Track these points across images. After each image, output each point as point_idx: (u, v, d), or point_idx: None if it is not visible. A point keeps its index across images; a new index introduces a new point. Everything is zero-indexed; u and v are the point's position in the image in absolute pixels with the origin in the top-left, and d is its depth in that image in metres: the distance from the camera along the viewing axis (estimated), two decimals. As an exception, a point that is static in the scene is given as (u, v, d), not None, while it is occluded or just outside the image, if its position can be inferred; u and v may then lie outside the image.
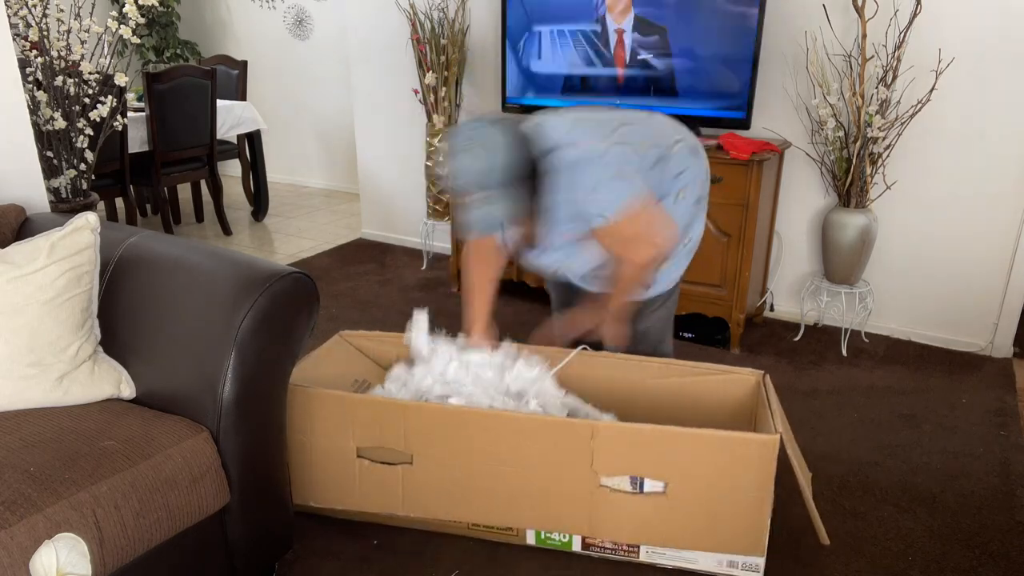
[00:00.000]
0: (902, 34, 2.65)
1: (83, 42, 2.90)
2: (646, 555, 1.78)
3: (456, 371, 1.96)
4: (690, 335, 3.03)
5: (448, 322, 3.20)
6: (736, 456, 1.63)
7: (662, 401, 2.01)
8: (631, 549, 1.78)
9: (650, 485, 1.68)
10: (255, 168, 4.69)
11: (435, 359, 1.99)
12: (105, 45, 3.02)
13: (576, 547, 1.82)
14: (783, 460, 1.64)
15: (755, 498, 1.64)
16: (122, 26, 2.92)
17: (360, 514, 1.91)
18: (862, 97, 2.68)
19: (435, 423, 1.76)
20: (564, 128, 1.76)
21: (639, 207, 1.73)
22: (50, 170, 2.85)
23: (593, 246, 1.83)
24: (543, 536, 1.83)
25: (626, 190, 1.71)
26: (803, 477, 1.70)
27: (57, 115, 2.81)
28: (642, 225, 1.76)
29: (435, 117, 3.59)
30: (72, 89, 2.86)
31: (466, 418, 1.76)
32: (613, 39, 3.04)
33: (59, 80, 2.81)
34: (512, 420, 1.74)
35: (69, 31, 2.87)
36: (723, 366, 2.00)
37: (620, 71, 3.07)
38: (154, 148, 3.92)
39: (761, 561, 1.70)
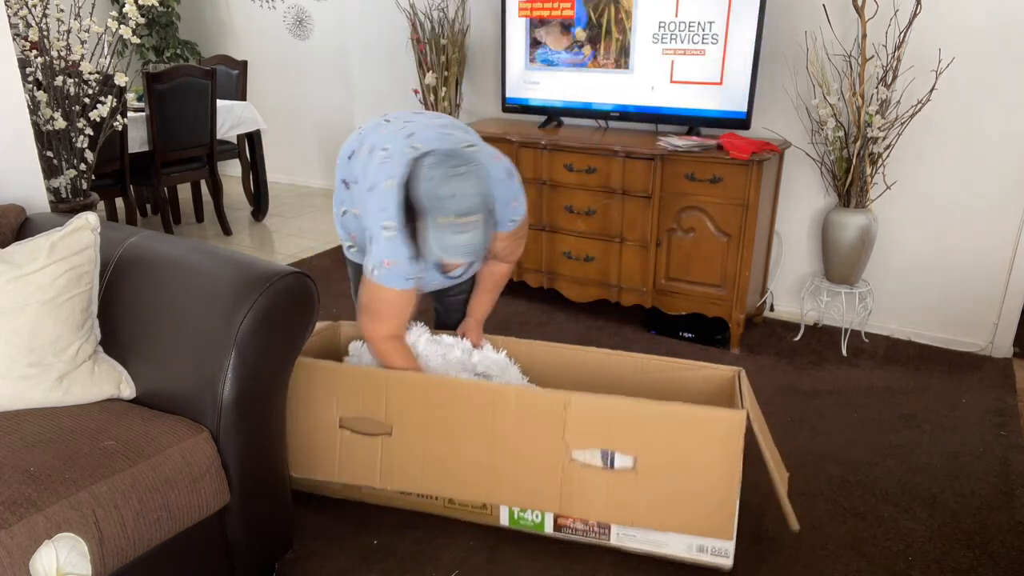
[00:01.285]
0: (902, 34, 2.65)
1: (83, 42, 2.90)
2: (616, 538, 1.79)
3: (426, 345, 2.03)
4: (690, 335, 3.03)
5: (448, 322, 3.19)
6: (703, 431, 1.66)
7: (643, 395, 2.03)
8: (602, 531, 1.80)
9: (620, 461, 1.71)
10: (255, 168, 4.69)
11: (408, 334, 2.06)
12: (105, 45, 3.02)
13: (548, 528, 1.84)
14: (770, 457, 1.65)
15: (723, 476, 1.66)
16: (122, 26, 2.92)
17: (344, 488, 1.93)
18: (862, 97, 2.68)
19: (415, 393, 1.80)
20: (457, 147, 1.82)
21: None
22: (50, 170, 2.85)
23: None
24: (516, 516, 1.85)
25: (524, 196, 1.97)
26: (772, 462, 1.72)
27: (57, 115, 2.81)
28: (526, 227, 2.05)
29: (435, 117, 3.59)
30: (72, 89, 2.86)
31: (445, 388, 1.79)
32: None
33: (59, 80, 2.81)
34: (488, 390, 1.77)
35: (69, 31, 2.87)
36: (701, 363, 2.02)
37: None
38: (154, 148, 3.91)
39: (730, 546, 1.71)
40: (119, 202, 4.24)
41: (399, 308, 1.84)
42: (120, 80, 2.99)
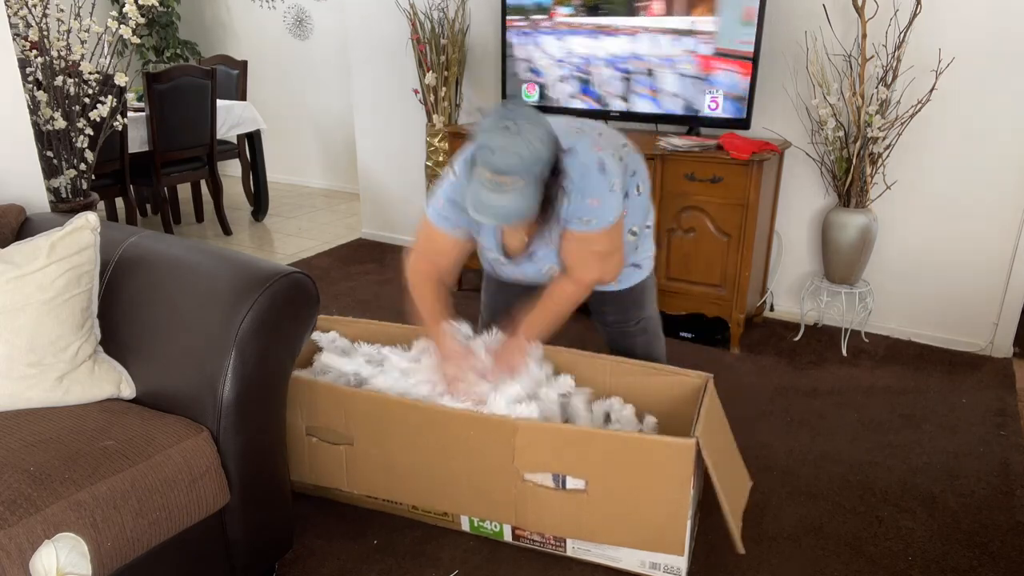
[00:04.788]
0: (902, 34, 2.65)
1: (83, 42, 2.90)
2: (572, 550, 1.80)
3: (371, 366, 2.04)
4: (690, 335, 3.03)
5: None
6: (652, 459, 1.63)
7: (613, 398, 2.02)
8: (558, 543, 1.80)
9: (572, 483, 1.70)
10: (255, 168, 4.69)
11: (354, 352, 2.09)
12: (105, 45, 3.02)
13: (507, 536, 1.84)
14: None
15: (673, 501, 1.64)
16: (122, 26, 2.92)
17: (317, 488, 1.92)
18: (862, 97, 2.68)
19: (371, 410, 1.82)
20: (565, 132, 1.77)
21: (616, 225, 1.80)
22: (50, 170, 2.85)
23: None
24: (476, 524, 1.87)
25: (617, 205, 1.78)
26: (724, 483, 1.68)
27: (57, 115, 2.81)
28: (608, 243, 1.82)
29: (435, 117, 3.59)
30: (72, 89, 2.86)
31: (399, 408, 1.80)
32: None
33: (59, 80, 2.81)
34: (438, 413, 1.77)
35: (69, 31, 2.87)
36: (674, 368, 1.98)
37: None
38: (154, 148, 3.92)
39: (682, 562, 1.70)
40: (119, 202, 4.24)
41: (425, 237, 1.91)
42: (120, 80, 2.99)
